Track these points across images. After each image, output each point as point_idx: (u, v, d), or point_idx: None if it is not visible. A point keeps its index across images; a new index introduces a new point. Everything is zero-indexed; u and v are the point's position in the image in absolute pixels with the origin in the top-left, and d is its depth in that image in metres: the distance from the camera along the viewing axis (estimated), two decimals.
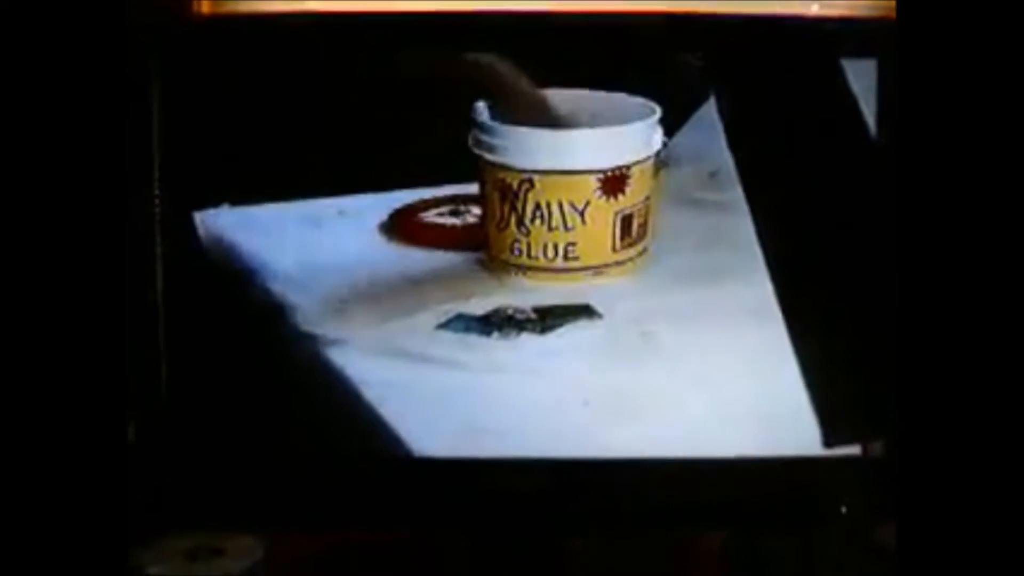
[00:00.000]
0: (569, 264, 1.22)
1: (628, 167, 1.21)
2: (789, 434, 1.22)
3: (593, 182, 1.20)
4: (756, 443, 1.22)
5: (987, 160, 0.94)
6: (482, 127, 1.21)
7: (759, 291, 1.22)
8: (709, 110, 1.22)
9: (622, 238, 1.22)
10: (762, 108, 1.22)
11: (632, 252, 1.23)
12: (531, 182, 1.20)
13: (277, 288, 1.21)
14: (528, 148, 1.20)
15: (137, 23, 1.13)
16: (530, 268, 1.22)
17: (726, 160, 1.23)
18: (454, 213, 1.24)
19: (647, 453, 1.21)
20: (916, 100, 0.96)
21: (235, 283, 1.21)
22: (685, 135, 1.23)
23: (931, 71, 0.95)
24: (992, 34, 0.94)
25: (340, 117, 1.21)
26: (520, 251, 1.21)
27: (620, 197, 1.21)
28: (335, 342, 1.20)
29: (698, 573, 1.30)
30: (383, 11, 1.27)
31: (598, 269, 1.22)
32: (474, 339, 1.21)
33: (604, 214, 1.21)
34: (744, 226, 1.22)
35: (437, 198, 1.25)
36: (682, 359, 1.22)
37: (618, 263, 1.23)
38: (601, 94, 1.21)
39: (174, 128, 1.18)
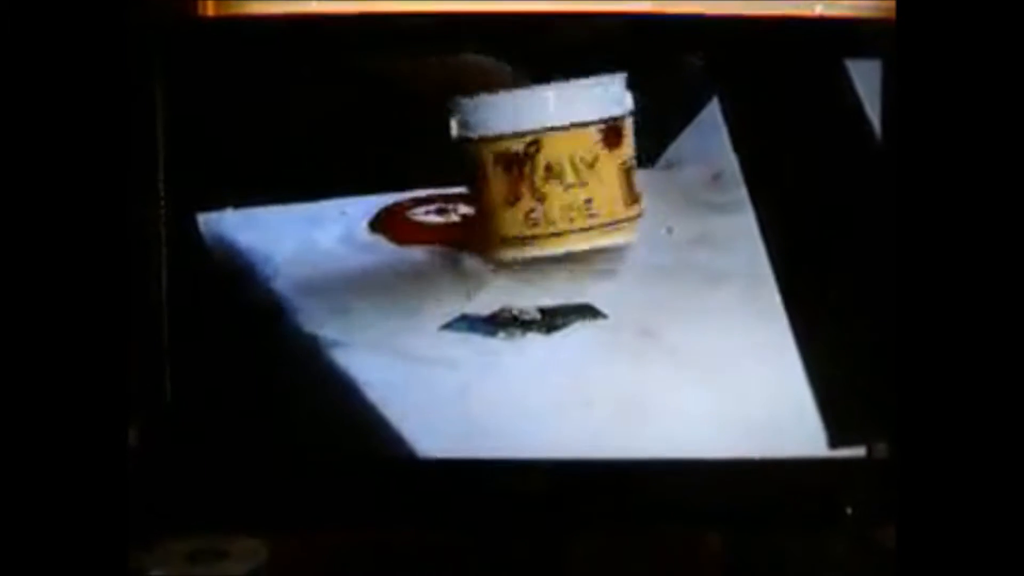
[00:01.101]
0: (590, 222, 1.22)
1: (619, 119, 1.21)
2: (794, 435, 1.22)
3: (595, 133, 1.21)
4: (761, 444, 1.22)
5: (991, 162, 0.94)
6: (470, 105, 1.20)
7: (763, 292, 1.22)
8: (713, 111, 1.22)
9: (628, 192, 1.22)
10: (766, 109, 1.22)
11: (636, 210, 1.23)
12: (538, 143, 1.20)
13: (279, 290, 1.21)
14: (528, 108, 1.20)
15: (142, 25, 1.13)
16: (552, 236, 1.22)
17: (730, 161, 1.23)
18: (440, 212, 1.24)
19: (651, 454, 1.21)
20: (919, 100, 0.96)
21: (238, 285, 1.21)
22: (689, 136, 1.23)
23: (934, 72, 0.95)
24: (993, 34, 0.94)
25: (342, 119, 1.21)
26: (538, 219, 1.21)
27: (619, 149, 1.21)
28: (337, 343, 1.21)
29: (702, 574, 1.30)
30: (387, 13, 1.27)
31: (615, 224, 1.22)
32: (477, 339, 1.21)
33: (610, 166, 1.21)
34: (748, 227, 1.22)
35: (421, 197, 1.24)
36: (687, 360, 1.22)
37: (628, 219, 1.23)
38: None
39: (178, 130, 1.19)
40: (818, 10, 1.36)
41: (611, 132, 1.21)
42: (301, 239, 1.22)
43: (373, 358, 1.21)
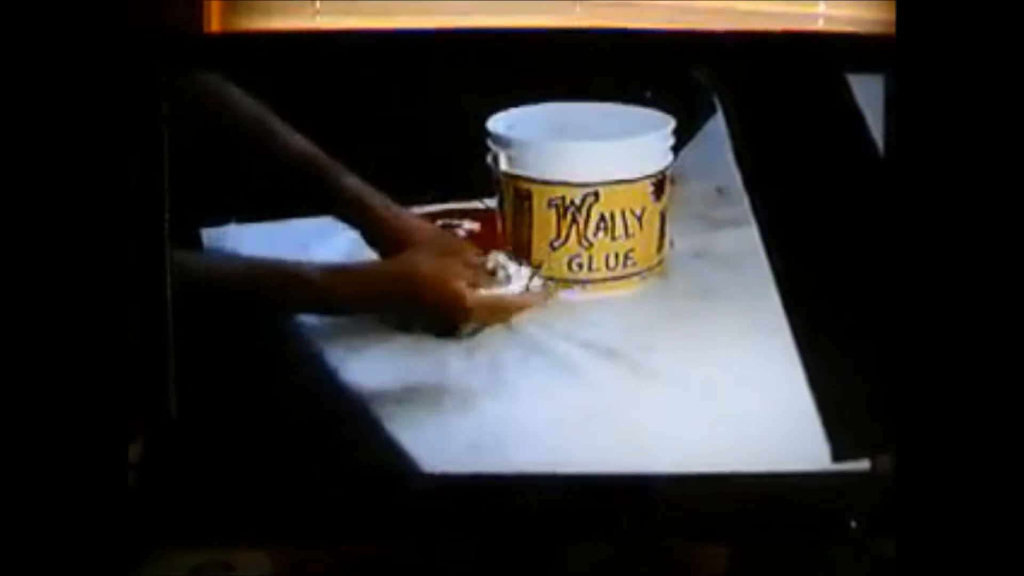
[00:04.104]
0: (628, 271, 1.23)
1: (666, 170, 1.22)
2: (797, 449, 1.21)
3: (649, 187, 1.22)
4: (764, 457, 1.21)
5: (995, 176, 0.94)
6: (531, 147, 1.21)
7: (767, 306, 1.21)
8: (716, 126, 1.22)
9: (661, 238, 1.23)
10: (769, 124, 1.22)
11: (663, 254, 1.24)
12: (596, 195, 1.20)
13: None
14: (593, 161, 1.21)
15: (146, 41, 1.14)
16: (591, 281, 1.23)
17: (733, 175, 1.23)
18: (445, 227, 1.24)
19: (654, 468, 1.21)
20: (922, 115, 0.96)
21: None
22: (692, 151, 1.23)
23: (936, 86, 0.96)
24: (995, 47, 0.94)
25: (346, 133, 1.21)
26: (581, 266, 1.22)
27: (662, 199, 1.22)
28: (342, 358, 1.21)
29: None
30: (392, 29, 1.28)
31: (647, 272, 1.23)
32: (481, 355, 1.21)
33: (653, 216, 1.22)
34: (752, 241, 1.22)
35: (423, 213, 1.25)
36: (690, 374, 1.22)
37: (659, 263, 1.24)
38: (616, 106, 1.22)
39: (182, 145, 1.19)
40: (820, 25, 1.37)
41: (659, 184, 1.22)
42: (305, 253, 1.22)
43: (377, 373, 1.21)
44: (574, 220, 1.21)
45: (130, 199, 1.01)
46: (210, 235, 1.21)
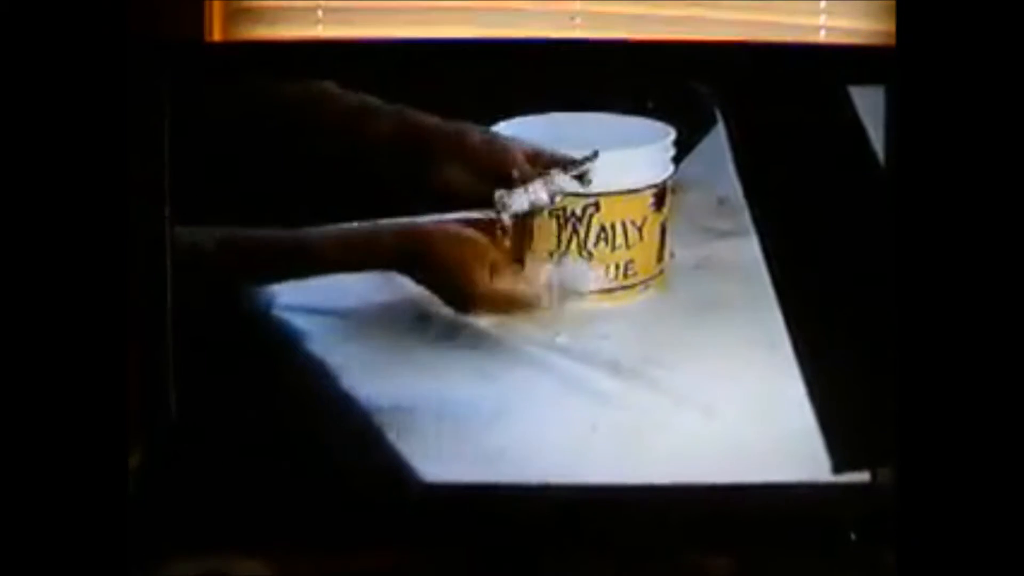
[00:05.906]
0: (628, 281, 1.23)
1: (667, 180, 1.22)
2: (798, 460, 1.22)
3: (649, 197, 1.22)
4: (764, 469, 1.21)
5: (995, 188, 0.94)
6: None
7: (767, 317, 1.22)
8: (717, 136, 1.23)
9: (661, 249, 1.23)
10: (770, 135, 1.22)
11: (663, 264, 1.24)
12: (597, 205, 1.20)
13: (286, 313, 1.21)
14: (594, 172, 1.21)
15: (149, 49, 1.14)
16: (590, 292, 1.22)
17: (734, 186, 1.23)
18: None
19: (655, 479, 1.21)
20: (923, 126, 0.96)
21: (245, 307, 1.22)
22: (693, 161, 1.23)
23: (937, 97, 0.96)
24: (995, 58, 0.95)
25: (346, 142, 1.21)
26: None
27: (663, 209, 1.23)
28: (345, 366, 1.21)
29: None
30: (393, 39, 1.28)
31: (647, 282, 1.23)
32: (484, 365, 1.21)
33: (654, 227, 1.23)
34: (752, 252, 1.22)
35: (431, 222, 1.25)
36: (690, 385, 1.22)
37: (660, 274, 1.24)
38: (617, 117, 1.22)
39: (184, 152, 1.19)
40: (821, 37, 1.37)
41: (660, 194, 1.22)
42: None
43: (380, 382, 1.21)
44: (575, 230, 1.21)
45: (131, 206, 1.01)
46: None
